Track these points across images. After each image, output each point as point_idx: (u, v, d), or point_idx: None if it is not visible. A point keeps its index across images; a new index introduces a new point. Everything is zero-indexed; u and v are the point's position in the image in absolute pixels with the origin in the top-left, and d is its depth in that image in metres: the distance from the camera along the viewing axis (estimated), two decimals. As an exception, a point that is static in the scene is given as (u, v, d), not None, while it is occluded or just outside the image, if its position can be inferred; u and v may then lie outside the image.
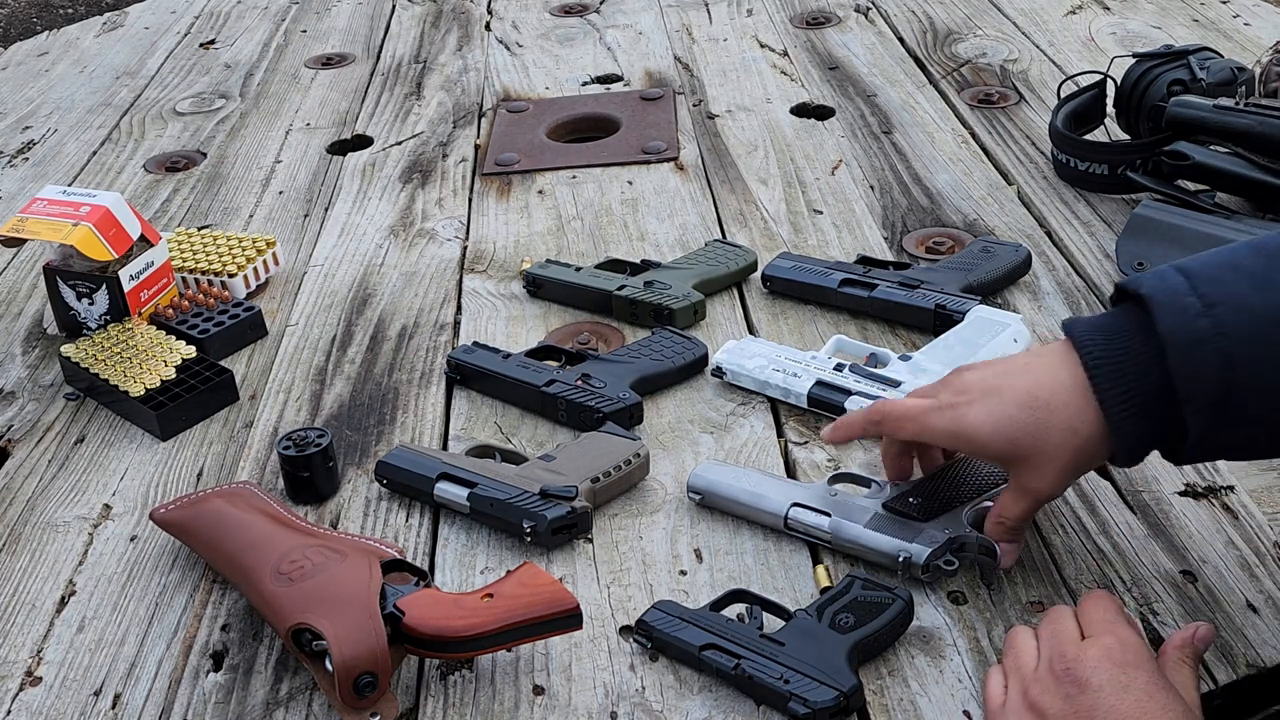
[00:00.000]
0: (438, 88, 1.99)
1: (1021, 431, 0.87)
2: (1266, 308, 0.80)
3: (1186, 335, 0.80)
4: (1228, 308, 0.80)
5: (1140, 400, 0.83)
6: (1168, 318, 0.81)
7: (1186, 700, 0.80)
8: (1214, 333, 0.80)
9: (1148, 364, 0.82)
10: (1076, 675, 0.79)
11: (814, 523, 0.99)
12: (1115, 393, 0.84)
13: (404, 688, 0.92)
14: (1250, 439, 0.84)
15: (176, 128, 1.94)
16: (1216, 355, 0.80)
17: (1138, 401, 0.83)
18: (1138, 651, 0.82)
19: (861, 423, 1.00)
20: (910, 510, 0.98)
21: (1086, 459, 0.88)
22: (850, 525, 0.98)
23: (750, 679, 0.88)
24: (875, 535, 0.96)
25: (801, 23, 2.09)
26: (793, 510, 1.00)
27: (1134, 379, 0.83)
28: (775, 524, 1.01)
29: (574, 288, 1.36)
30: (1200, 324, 0.80)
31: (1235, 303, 0.80)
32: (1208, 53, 1.50)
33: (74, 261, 1.36)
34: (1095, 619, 0.85)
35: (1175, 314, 0.81)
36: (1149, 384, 0.83)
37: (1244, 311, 0.80)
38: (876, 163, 1.62)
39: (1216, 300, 0.80)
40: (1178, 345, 0.80)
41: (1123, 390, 0.83)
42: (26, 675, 0.97)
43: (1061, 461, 0.87)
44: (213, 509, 1.05)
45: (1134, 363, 0.83)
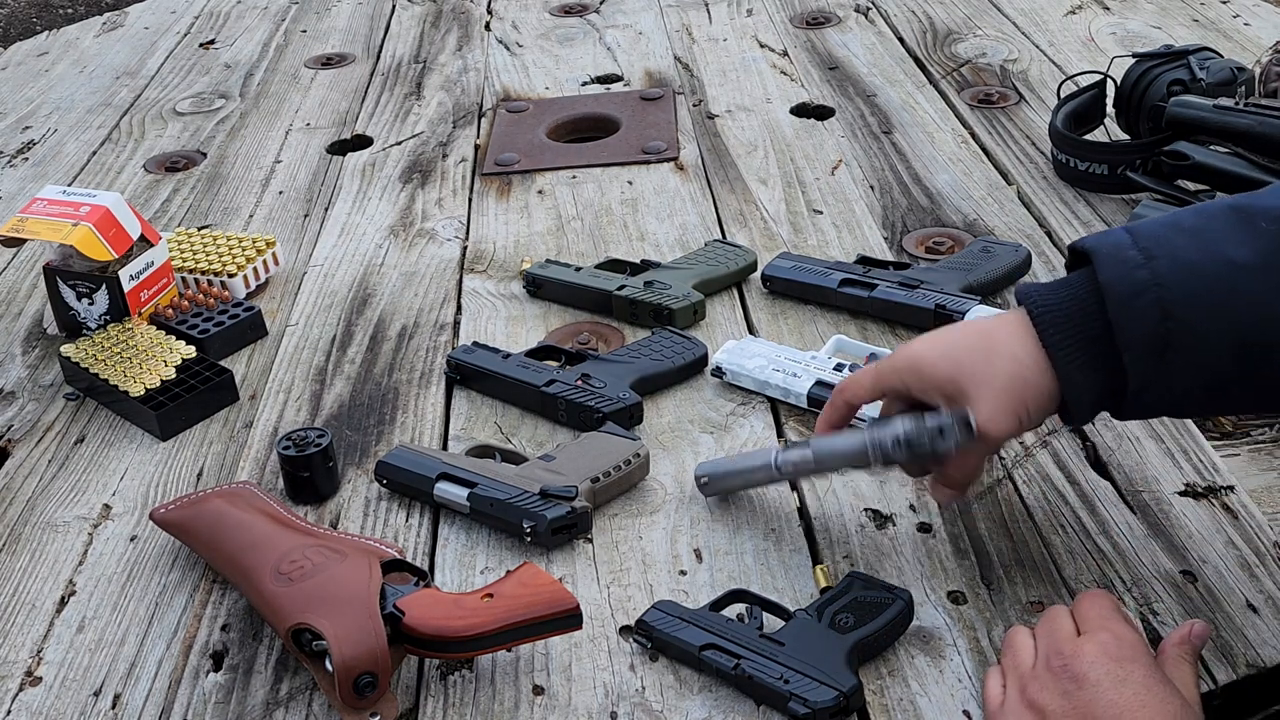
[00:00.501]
0: (438, 88, 1.99)
1: (966, 354, 0.90)
2: (1201, 260, 0.83)
3: (1126, 285, 0.83)
4: (1166, 261, 0.83)
5: (1084, 347, 0.86)
6: (1108, 269, 0.84)
7: (1186, 696, 0.80)
8: (1152, 283, 0.83)
9: (1091, 313, 0.85)
10: (1074, 671, 0.80)
11: (798, 456, 1.00)
12: (1060, 339, 0.86)
13: (404, 688, 0.92)
14: (1186, 393, 0.85)
15: (176, 128, 1.94)
16: (1154, 306, 0.82)
17: (1082, 347, 0.86)
18: (1134, 646, 0.82)
19: (829, 409, 1.01)
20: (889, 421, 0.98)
21: (1032, 393, 0.88)
22: (826, 440, 0.99)
23: (750, 679, 0.88)
24: (846, 437, 0.98)
25: (801, 23, 2.09)
26: (780, 455, 1.01)
27: (1078, 325, 0.86)
28: (771, 476, 1.02)
29: (574, 288, 1.36)
30: (1139, 275, 0.83)
31: (1174, 256, 0.83)
32: (1208, 53, 1.50)
33: (74, 261, 1.36)
34: (1091, 616, 0.85)
35: (1116, 265, 0.84)
36: (1092, 332, 0.85)
37: (1181, 265, 0.83)
38: (876, 163, 1.62)
39: (1156, 254, 0.83)
40: (1117, 295, 0.83)
41: (1067, 336, 0.86)
42: (26, 675, 0.97)
43: (1000, 384, 0.88)
44: (213, 509, 1.05)
45: (1079, 311, 0.86)
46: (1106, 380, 0.86)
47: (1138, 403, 0.87)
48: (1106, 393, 0.87)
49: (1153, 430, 1.11)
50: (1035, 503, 1.04)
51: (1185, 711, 0.78)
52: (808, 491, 1.07)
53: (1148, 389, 0.85)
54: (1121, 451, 1.09)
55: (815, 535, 1.03)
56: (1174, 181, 1.39)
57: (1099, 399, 0.88)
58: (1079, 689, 0.79)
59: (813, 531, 1.03)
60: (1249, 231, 0.83)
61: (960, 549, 1.00)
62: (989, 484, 1.06)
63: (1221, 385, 0.85)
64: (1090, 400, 0.88)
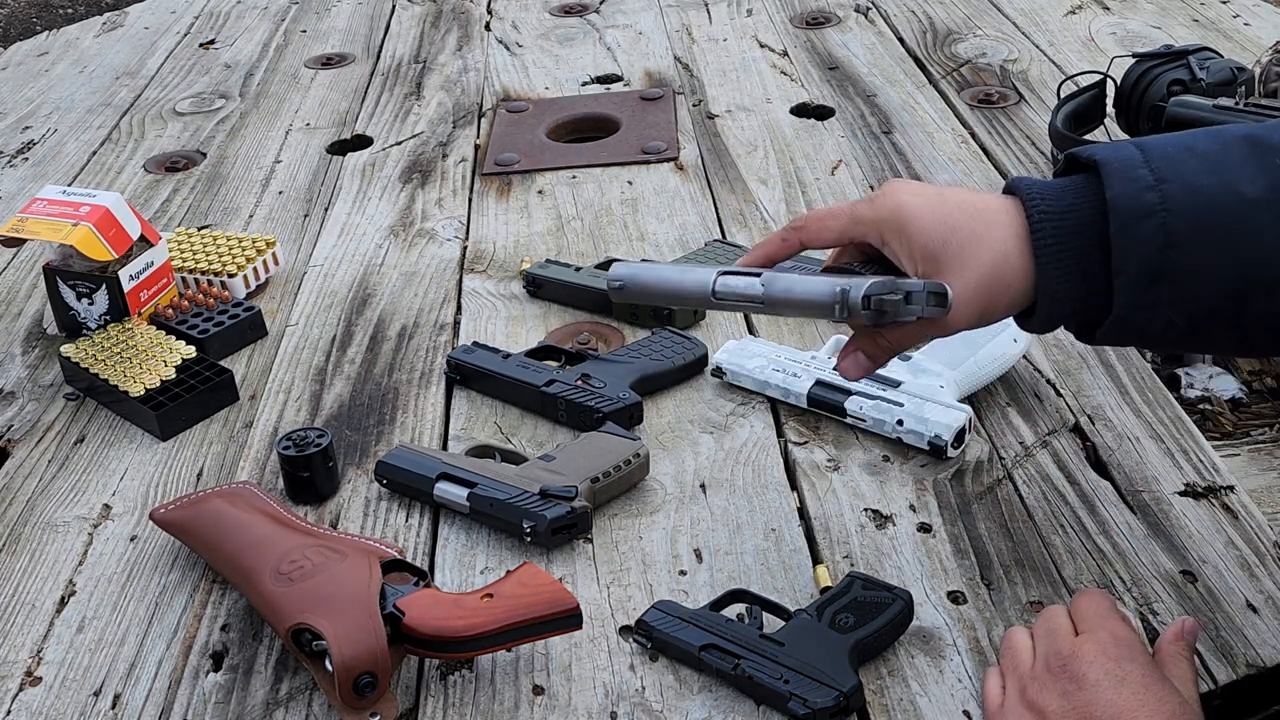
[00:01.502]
0: (438, 88, 1.99)
1: (955, 231, 0.83)
2: (1213, 190, 0.79)
3: (1133, 205, 0.79)
4: (1177, 185, 0.79)
5: (1074, 261, 0.81)
6: (1118, 185, 0.80)
7: (1184, 694, 0.80)
8: (1160, 207, 0.78)
9: (1089, 227, 0.81)
10: (1073, 671, 0.80)
11: (743, 285, 0.87)
12: (1054, 249, 0.81)
13: (404, 688, 0.92)
14: (1167, 325, 0.81)
15: (176, 128, 1.94)
16: (1159, 230, 0.78)
17: (1073, 262, 0.81)
18: (1132, 645, 0.82)
19: (779, 238, 0.90)
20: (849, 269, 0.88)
21: (1004, 294, 0.83)
22: (783, 276, 0.87)
23: (750, 679, 0.88)
24: (808, 279, 0.86)
25: (801, 23, 2.09)
26: (720, 279, 0.88)
27: (1075, 238, 0.81)
28: (703, 298, 0.89)
29: (574, 288, 1.36)
30: (1148, 196, 0.79)
31: (1185, 181, 0.79)
32: (1208, 53, 1.50)
33: (74, 261, 1.36)
34: (1089, 615, 0.85)
35: (1126, 183, 0.79)
36: (1086, 247, 0.81)
37: (1192, 191, 0.79)
38: (876, 163, 1.62)
39: (1168, 177, 0.79)
40: (1123, 213, 0.79)
41: (1060, 248, 0.81)
42: (26, 675, 0.97)
43: (980, 275, 0.82)
44: (212, 509, 1.05)
45: (1077, 223, 0.81)
46: (1084, 298, 0.82)
47: (1114, 329, 0.82)
48: (1080, 311, 0.83)
49: (1153, 430, 1.11)
50: (1035, 503, 1.04)
51: (1184, 709, 0.78)
52: (807, 491, 1.07)
53: (1132, 316, 0.81)
54: (1121, 451, 1.09)
55: (815, 535, 1.03)
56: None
57: (1072, 314, 0.84)
58: (1078, 689, 0.79)
59: (813, 531, 1.03)
60: (1260, 165, 0.79)
61: (960, 549, 1.00)
62: (989, 484, 1.06)
63: (1207, 321, 0.81)
64: (1061, 313, 0.84)
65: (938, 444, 1.09)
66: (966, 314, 0.84)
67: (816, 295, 0.85)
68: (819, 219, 0.88)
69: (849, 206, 0.87)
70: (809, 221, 0.89)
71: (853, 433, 1.14)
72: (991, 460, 1.09)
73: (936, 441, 1.09)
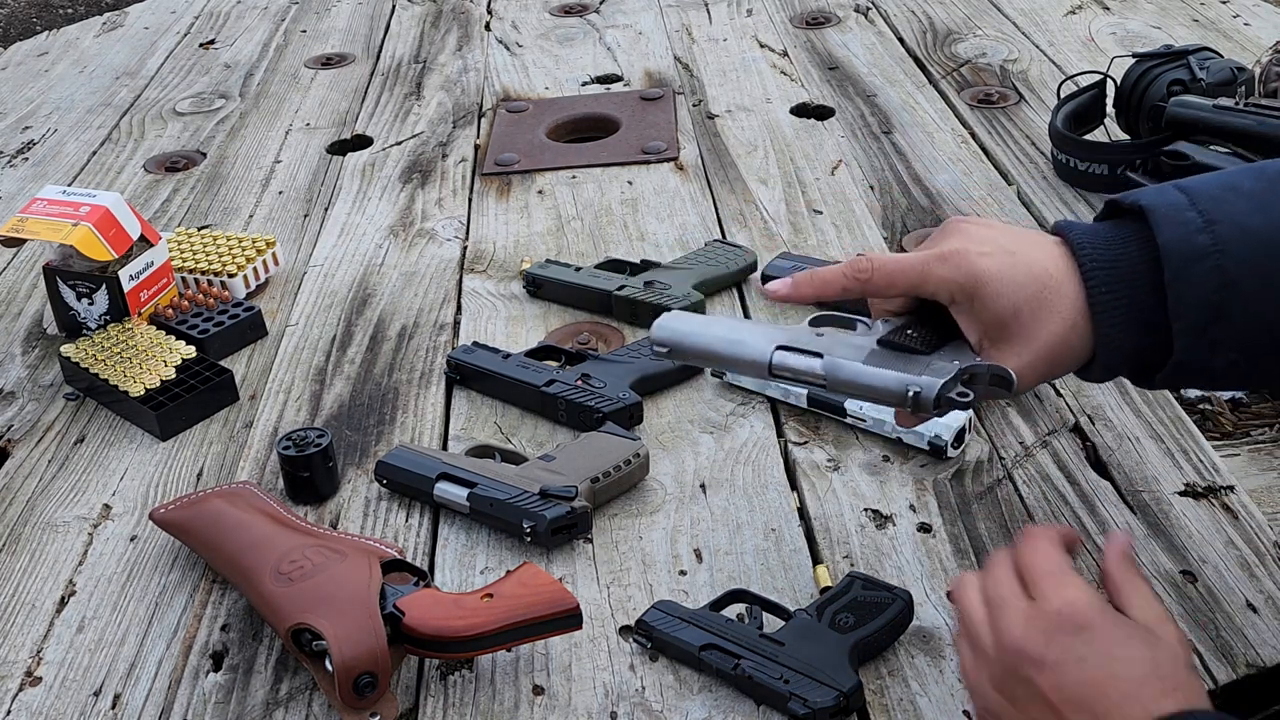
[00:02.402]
0: (438, 88, 1.99)
1: (1029, 300, 0.82)
2: (1265, 230, 0.78)
3: (1186, 249, 0.78)
4: (1227, 226, 0.78)
5: (1130, 310, 0.81)
6: (1168, 230, 0.79)
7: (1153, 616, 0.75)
8: (1212, 249, 0.78)
9: (1141, 275, 0.80)
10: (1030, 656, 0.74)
11: (804, 365, 0.85)
12: (1108, 299, 0.81)
13: (404, 688, 0.92)
14: (1229, 365, 0.81)
15: (176, 128, 1.94)
16: (1213, 273, 0.78)
17: (1128, 311, 0.81)
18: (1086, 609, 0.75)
19: (841, 278, 0.87)
20: (911, 343, 0.85)
21: (1066, 358, 0.83)
22: (847, 363, 0.85)
23: (750, 679, 0.88)
24: (877, 371, 0.84)
25: (801, 23, 2.09)
26: (778, 354, 0.86)
27: (1127, 287, 0.80)
28: (758, 372, 0.88)
29: (574, 288, 1.36)
30: (1200, 240, 0.78)
31: (1235, 221, 0.78)
32: (1208, 53, 1.50)
33: (74, 261, 1.36)
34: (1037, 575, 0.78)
35: (1175, 227, 0.79)
36: (1140, 295, 0.80)
37: (1243, 231, 0.78)
38: (876, 163, 1.62)
39: (1217, 218, 0.78)
40: (1176, 258, 0.78)
41: (1114, 297, 0.81)
42: (26, 675, 0.97)
43: (1047, 348, 0.82)
44: (212, 509, 1.05)
45: (1129, 271, 0.80)
46: (1143, 346, 0.81)
47: (1174, 373, 0.82)
48: (1139, 357, 0.83)
49: (1153, 430, 1.11)
50: (1035, 503, 1.04)
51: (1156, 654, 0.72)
52: (807, 492, 1.07)
53: (1192, 359, 0.80)
54: (1121, 451, 1.09)
55: (815, 535, 1.03)
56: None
57: (1129, 362, 0.83)
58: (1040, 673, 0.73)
59: (813, 531, 1.03)
60: None
61: (960, 549, 1.00)
62: (989, 484, 1.06)
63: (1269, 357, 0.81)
64: (1120, 362, 0.83)
65: (938, 444, 1.09)
66: (1030, 380, 0.83)
67: (886, 388, 0.83)
68: (887, 275, 0.85)
69: (920, 262, 0.84)
70: (876, 273, 0.86)
71: (853, 433, 1.14)
72: (991, 460, 1.09)
73: (936, 441, 1.09)
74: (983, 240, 0.84)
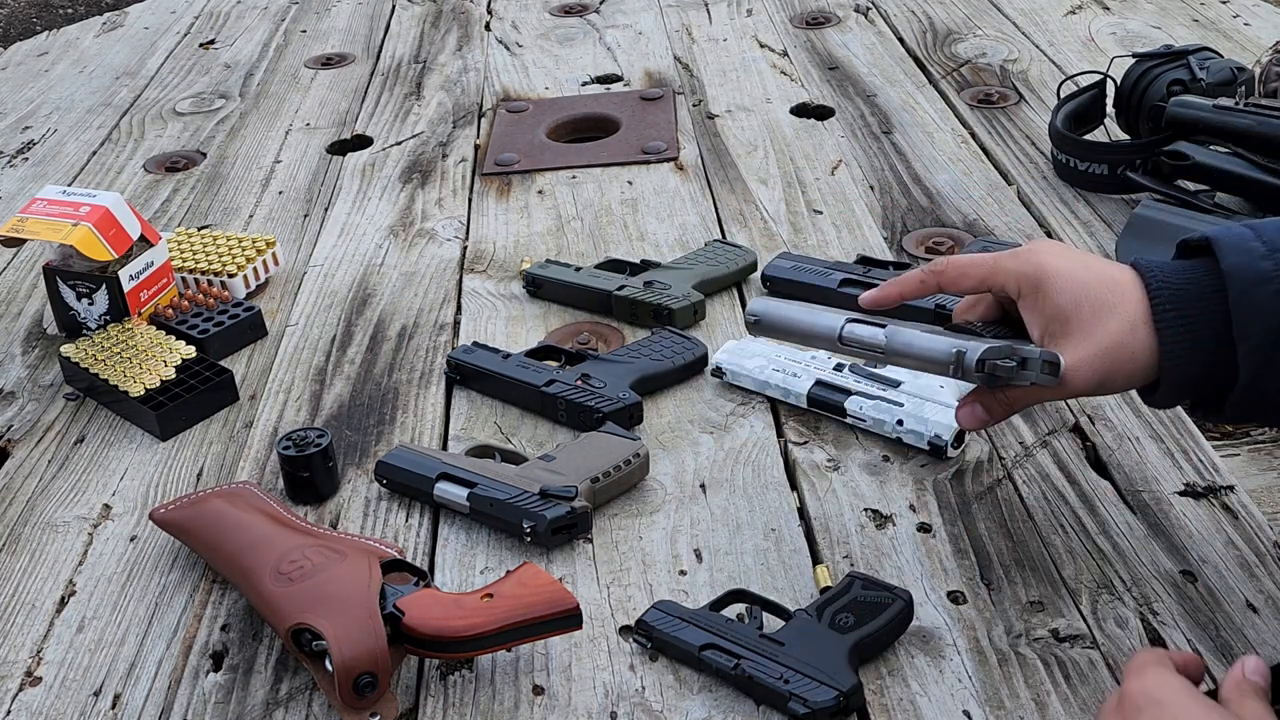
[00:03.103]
0: (438, 88, 1.99)
1: (1089, 296, 0.87)
2: None
3: (1250, 273, 0.82)
4: None
5: (1195, 329, 0.84)
6: (1232, 256, 0.83)
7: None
8: (1276, 273, 0.82)
9: (1207, 298, 0.84)
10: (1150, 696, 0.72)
11: (868, 335, 0.92)
12: (1172, 315, 0.84)
13: (404, 688, 0.92)
14: None
15: (176, 128, 1.94)
16: (1277, 296, 0.81)
17: (1192, 330, 0.84)
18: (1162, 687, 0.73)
19: (919, 274, 0.95)
20: (973, 328, 0.93)
21: (1127, 364, 0.86)
22: (906, 330, 0.90)
23: (750, 679, 0.88)
24: (929, 336, 0.90)
25: (801, 23, 2.09)
26: (849, 326, 0.93)
27: (1192, 306, 0.84)
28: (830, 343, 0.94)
29: (574, 288, 1.36)
30: (1263, 265, 0.82)
31: None
32: (1208, 53, 1.50)
33: (74, 261, 1.36)
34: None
35: (1240, 254, 0.83)
36: (1206, 316, 0.84)
37: None
38: (876, 163, 1.62)
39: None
40: (1240, 281, 0.82)
41: (1178, 314, 0.84)
42: (26, 675, 0.97)
43: (1104, 347, 0.86)
44: (212, 509, 1.05)
45: (1196, 294, 0.84)
46: (1208, 368, 0.85)
47: (1245, 399, 0.85)
48: (1205, 382, 0.86)
49: (1153, 430, 1.11)
50: (1035, 503, 1.04)
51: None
52: (807, 492, 1.07)
53: (1259, 383, 0.83)
54: (1121, 451, 1.09)
55: (815, 535, 1.03)
56: (1174, 181, 1.39)
57: (1195, 385, 0.87)
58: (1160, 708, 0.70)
59: (813, 531, 1.03)
60: None
61: (960, 549, 1.00)
62: (989, 484, 1.06)
63: None
64: (1185, 383, 0.86)
65: (938, 444, 1.09)
66: (1086, 378, 0.87)
67: (934, 352, 0.89)
68: (960, 267, 0.92)
69: (992, 258, 0.91)
70: (950, 267, 0.93)
71: (853, 433, 1.14)
72: (991, 460, 1.09)
73: (936, 441, 1.09)
74: (1060, 250, 0.91)
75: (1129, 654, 0.89)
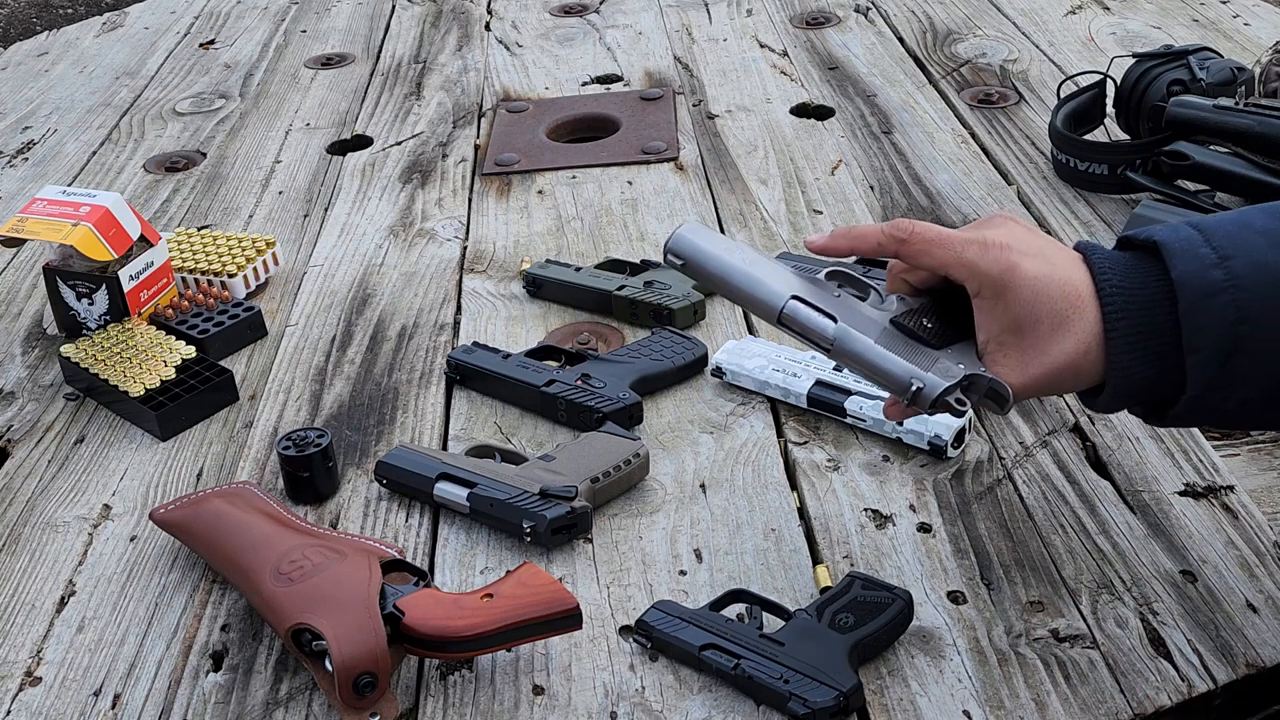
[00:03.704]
0: (438, 88, 1.99)
1: (1050, 313, 0.82)
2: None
3: (1200, 283, 0.79)
4: (1242, 261, 0.79)
5: (1145, 341, 0.81)
6: (1182, 264, 0.80)
7: None
8: (1227, 284, 0.78)
9: (1157, 307, 0.81)
10: None
11: (814, 325, 0.85)
12: (1123, 325, 0.81)
13: (404, 688, 0.92)
14: (1243, 403, 0.81)
15: (176, 128, 1.94)
16: (1229, 307, 0.78)
17: (1142, 342, 0.81)
18: None
19: (879, 234, 0.87)
20: (923, 334, 0.86)
21: (1069, 381, 0.84)
22: (859, 337, 0.85)
23: (750, 679, 0.88)
24: (886, 354, 0.84)
25: (801, 23, 2.09)
26: (791, 304, 0.86)
27: (1143, 317, 0.81)
28: (767, 315, 0.87)
29: (574, 288, 1.36)
30: (1214, 274, 0.79)
31: (1250, 257, 0.79)
32: (1208, 53, 1.50)
33: (74, 261, 1.36)
34: None
35: (1190, 261, 0.79)
36: (1156, 327, 0.81)
37: (1258, 267, 0.79)
38: (876, 163, 1.62)
39: (1231, 254, 0.79)
40: (1191, 292, 0.79)
41: (1129, 324, 0.81)
42: (26, 675, 0.97)
43: (1055, 367, 0.82)
44: (212, 509, 1.05)
45: (1146, 301, 0.81)
46: (1156, 378, 0.82)
47: (1190, 409, 0.82)
48: (1151, 391, 0.83)
49: (1153, 430, 1.11)
50: (1035, 503, 1.04)
51: None
52: (807, 491, 1.07)
53: (1207, 395, 0.81)
54: (1121, 451, 1.09)
55: (815, 535, 1.03)
56: (1174, 181, 1.39)
57: (1141, 394, 0.84)
58: None
59: (813, 531, 1.03)
60: None
61: (960, 549, 1.00)
62: (989, 484, 1.06)
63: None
64: (1131, 392, 0.83)
65: (938, 444, 1.09)
66: (1029, 393, 0.84)
67: (890, 376, 0.84)
68: (924, 242, 0.85)
69: (960, 242, 0.85)
70: (913, 238, 0.86)
71: (853, 433, 1.14)
72: (991, 460, 1.09)
73: (936, 441, 1.09)
74: (1026, 243, 0.85)
75: (1129, 654, 0.89)
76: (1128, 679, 0.88)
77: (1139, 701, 0.86)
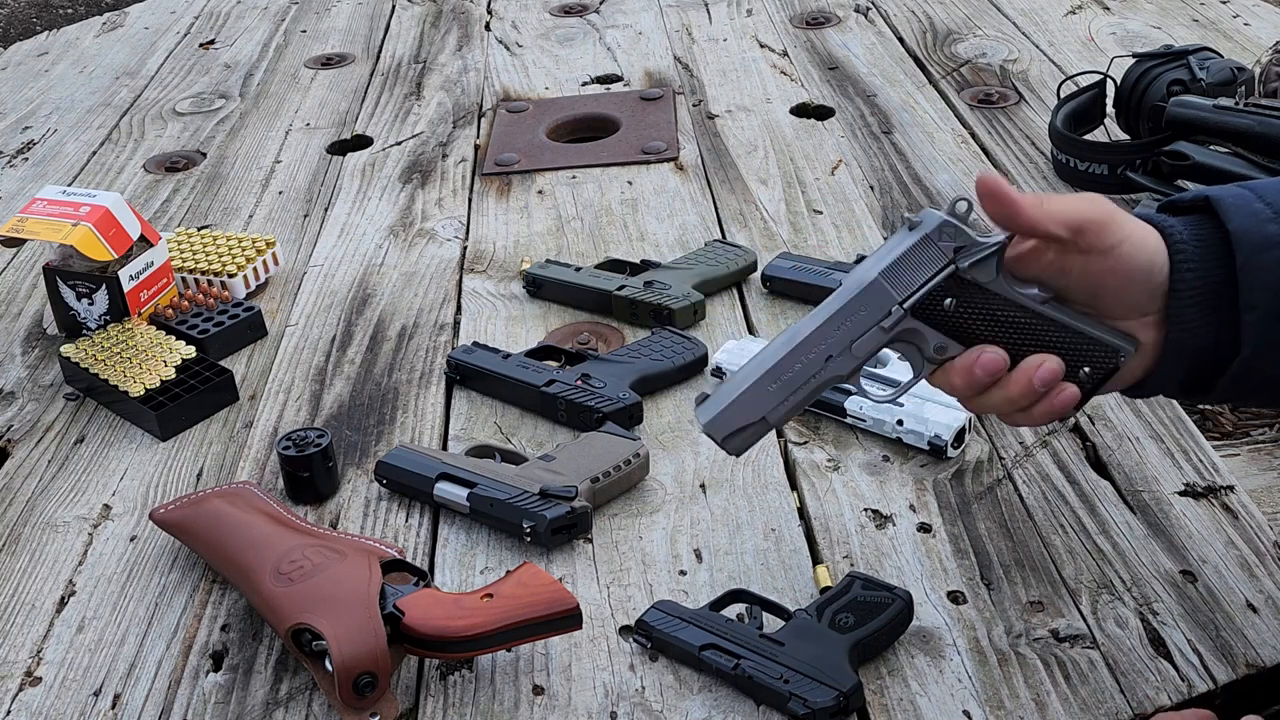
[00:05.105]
0: (437, 88, 1.99)
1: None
2: None
3: (1258, 236, 0.78)
4: None
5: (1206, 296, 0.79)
6: (1239, 218, 0.78)
7: None
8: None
9: (1215, 260, 0.79)
10: None
11: None
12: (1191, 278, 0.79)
13: (404, 688, 0.92)
14: None
15: (176, 128, 1.94)
16: None
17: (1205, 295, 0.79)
18: None
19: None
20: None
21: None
22: None
23: (750, 679, 0.88)
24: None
25: (801, 23, 2.09)
26: None
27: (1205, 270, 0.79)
28: None
29: (574, 288, 1.36)
30: (1270, 228, 0.78)
31: None
32: (1208, 53, 1.50)
33: (74, 261, 1.36)
34: None
35: (1246, 216, 0.78)
36: (1215, 282, 0.78)
37: None
38: (876, 163, 1.62)
39: None
40: (1249, 244, 0.78)
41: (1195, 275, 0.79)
42: (26, 675, 0.97)
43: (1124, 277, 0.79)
44: (212, 509, 1.05)
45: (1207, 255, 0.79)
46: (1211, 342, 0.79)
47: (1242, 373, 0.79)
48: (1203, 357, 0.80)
49: (1153, 430, 1.11)
50: (1035, 503, 1.04)
51: None
52: (807, 491, 1.07)
53: (1262, 355, 0.78)
54: (1121, 451, 1.09)
55: (815, 535, 1.03)
56: (1174, 181, 1.39)
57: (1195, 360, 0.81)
58: None
59: (813, 531, 1.03)
60: None
61: (960, 549, 1.00)
62: (989, 484, 1.06)
63: None
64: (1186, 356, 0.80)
65: (938, 444, 1.09)
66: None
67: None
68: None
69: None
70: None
71: (853, 433, 1.14)
72: (991, 460, 1.09)
73: (936, 441, 1.09)
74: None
75: (1129, 654, 0.89)
76: (1128, 679, 0.88)
77: (1139, 701, 0.86)
